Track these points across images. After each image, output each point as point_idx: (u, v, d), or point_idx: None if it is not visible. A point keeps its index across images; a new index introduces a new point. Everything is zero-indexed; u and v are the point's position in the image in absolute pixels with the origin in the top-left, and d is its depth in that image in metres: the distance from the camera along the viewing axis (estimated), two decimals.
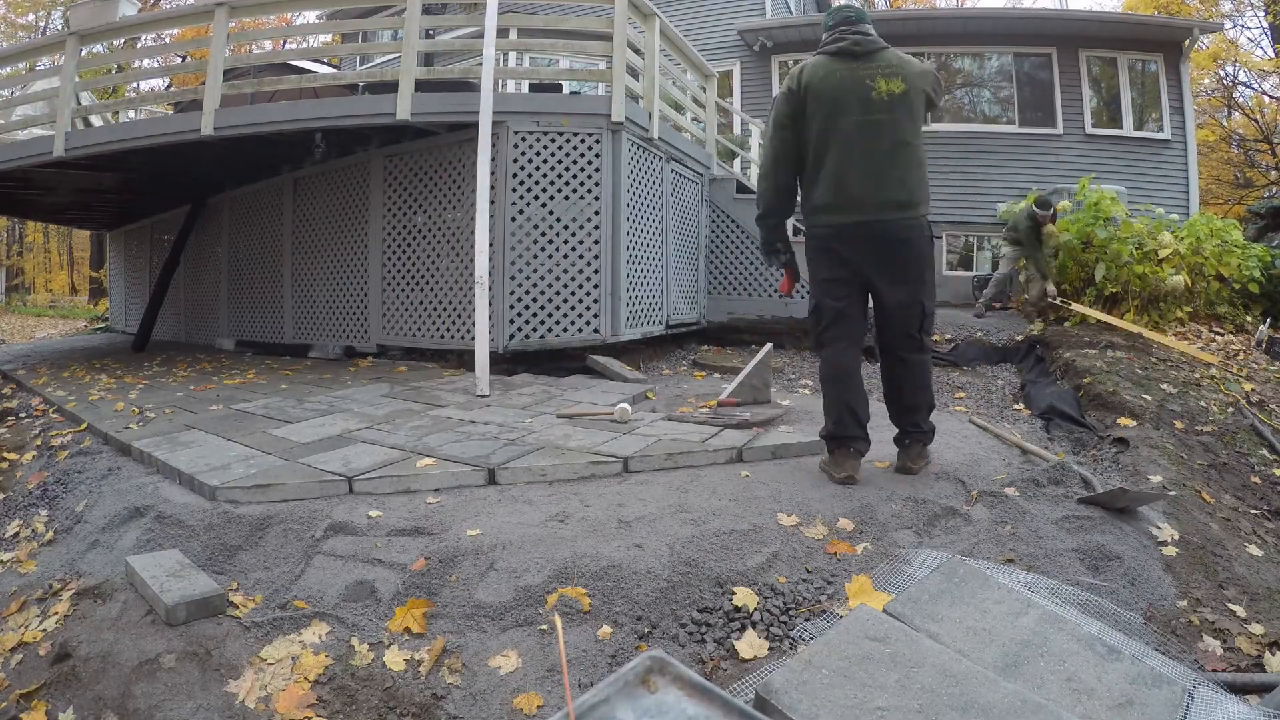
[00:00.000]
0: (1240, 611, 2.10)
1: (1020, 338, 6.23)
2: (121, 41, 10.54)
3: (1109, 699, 1.40)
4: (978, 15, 10.80)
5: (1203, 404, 4.10)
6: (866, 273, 2.74)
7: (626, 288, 5.43)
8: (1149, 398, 4.07)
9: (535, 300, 5.28)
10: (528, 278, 5.27)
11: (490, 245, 4.46)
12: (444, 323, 5.66)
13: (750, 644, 1.86)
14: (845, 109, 2.64)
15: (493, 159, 4.60)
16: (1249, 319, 6.81)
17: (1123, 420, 3.84)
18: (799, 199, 2.90)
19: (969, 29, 10.52)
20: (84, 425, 3.82)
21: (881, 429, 3.59)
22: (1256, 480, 3.32)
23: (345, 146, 6.40)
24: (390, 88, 5.25)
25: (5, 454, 3.75)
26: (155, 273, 9.18)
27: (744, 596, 2.00)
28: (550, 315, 5.29)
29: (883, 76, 2.64)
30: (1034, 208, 7.05)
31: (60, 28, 16.00)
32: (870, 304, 2.87)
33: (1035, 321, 6.84)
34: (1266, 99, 16.74)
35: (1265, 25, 16.47)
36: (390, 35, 12.06)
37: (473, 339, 4.49)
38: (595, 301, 5.30)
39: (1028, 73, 10.40)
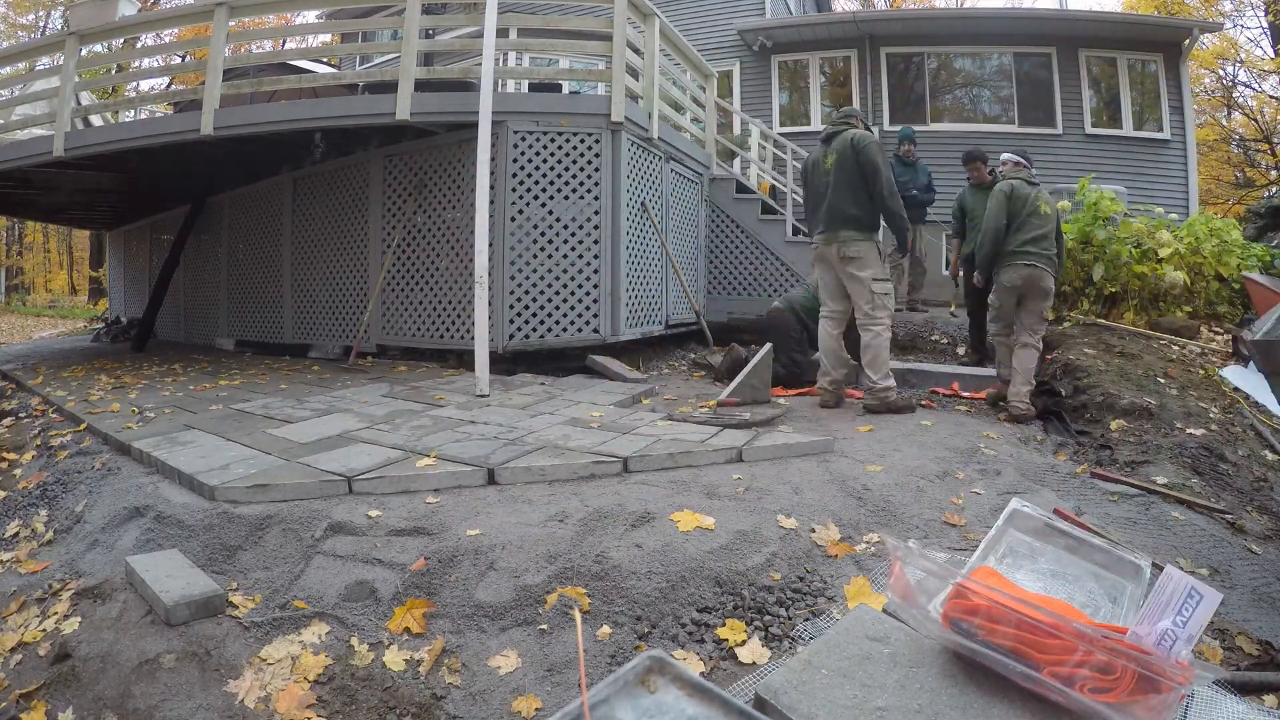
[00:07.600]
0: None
1: None
2: (121, 41, 10.55)
3: None
4: (978, 15, 10.79)
5: (1202, 404, 4.10)
6: None
7: (626, 288, 5.42)
8: (1150, 399, 4.07)
9: (535, 300, 5.28)
10: (527, 278, 5.27)
11: (490, 245, 4.46)
12: (443, 322, 5.65)
13: (749, 645, 1.86)
14: None
15: (492, 159, 4.59)
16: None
17: (1120, 421, 3.84)
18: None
19: (969, 29, 10.52)
20: (83, 425, 3.81)
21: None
22: (1258, 479, 3.32)
23: (345, 146, 6.39)
24: (390, 88, 5.25)
25: (5, 454, 3.75)
26: (155, 273, 9.17)
27: (743, 596, 2.00)
28: (550, 315, 5.29)
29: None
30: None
31: (60, 27, 15.98)
32: None
33: None
34: (1268, 97, 16.71)
35: (1265, 25, 16.45)
36: (390, 35, 12.05)
37: (472, 339, 4.49)
38: (595, 301, 5.29)
39: (1027, 72, 10.39)
